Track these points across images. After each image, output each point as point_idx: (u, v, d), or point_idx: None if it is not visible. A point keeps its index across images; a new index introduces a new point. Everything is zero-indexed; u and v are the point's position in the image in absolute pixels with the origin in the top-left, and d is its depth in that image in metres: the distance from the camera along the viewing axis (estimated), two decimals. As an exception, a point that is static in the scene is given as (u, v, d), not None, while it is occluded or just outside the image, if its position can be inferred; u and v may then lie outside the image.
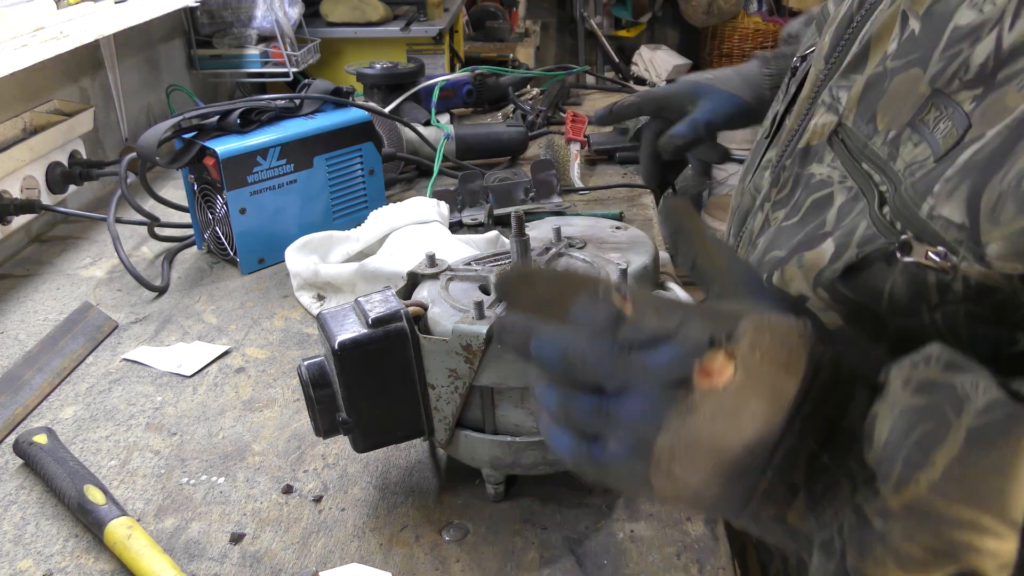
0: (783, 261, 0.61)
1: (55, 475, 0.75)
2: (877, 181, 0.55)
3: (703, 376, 0.42)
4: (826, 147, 0.62)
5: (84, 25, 1.27)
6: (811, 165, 0.63)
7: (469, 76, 1.77)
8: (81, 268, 1.22)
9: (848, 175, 0.58)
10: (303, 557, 0.68)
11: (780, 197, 0.67)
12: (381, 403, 0.69)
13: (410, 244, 1.05)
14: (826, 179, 0.61)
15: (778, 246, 0.63)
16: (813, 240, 0.59)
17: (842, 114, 0.61)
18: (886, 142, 0.55)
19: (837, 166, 0.60)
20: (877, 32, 0.60)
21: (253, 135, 1.13)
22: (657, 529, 0.69)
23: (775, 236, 0.64)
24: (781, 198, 0.66)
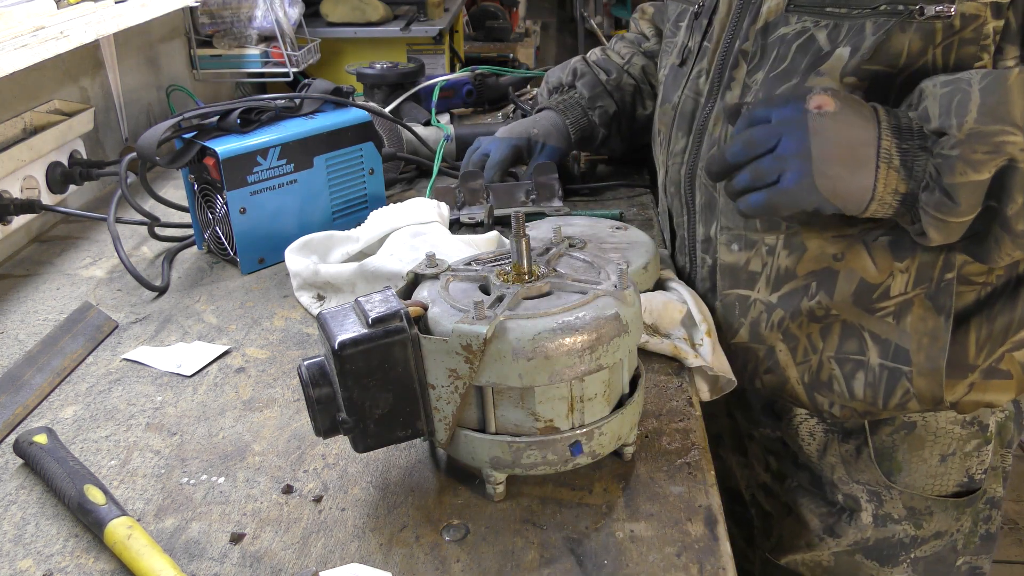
0: (800, 82, 0.83)
1: (55, 475, 0.75)
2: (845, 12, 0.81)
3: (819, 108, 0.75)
4: (787, 16, 0.85)
5: (84, 25, 1.27)
6: (776, 32, 0.86)
7: (469, 76, 1.77)
8: (81, 268, 1.22)
9: (820, 19, 0.82)
10: (303, 557, 0.68)
11: (752, 66, 0.89)
12: (381, 403, 0.69)
13: (410, 244, 1.05)
14: (801, 30, 0.84)
15: (781, 83, 0.85)
16: (818, 59, 0.82)
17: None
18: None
19: (806, 20, 0.84)
20: None
21: (253, 135, 1.13)
22: (657, 529, 0.69)
23: (769, 85, 0.87)
24: (753, 66, 0.89)
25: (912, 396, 0.91)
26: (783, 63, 0.85)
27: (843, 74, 0.81)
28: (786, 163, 0.76)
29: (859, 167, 0.75)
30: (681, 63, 1.01)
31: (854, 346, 0.91)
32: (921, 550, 1.01)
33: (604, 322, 0.68)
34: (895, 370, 0.90)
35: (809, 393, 0.96)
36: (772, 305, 0.93)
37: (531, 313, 0.68)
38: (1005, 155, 0.70)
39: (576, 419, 0.71)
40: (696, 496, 0.73)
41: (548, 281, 0.72)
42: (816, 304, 0.90)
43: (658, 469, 0.76)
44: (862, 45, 0.79)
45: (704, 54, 0.96)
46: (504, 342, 0.66)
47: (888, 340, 0.90)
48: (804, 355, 0.94)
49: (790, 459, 1.06)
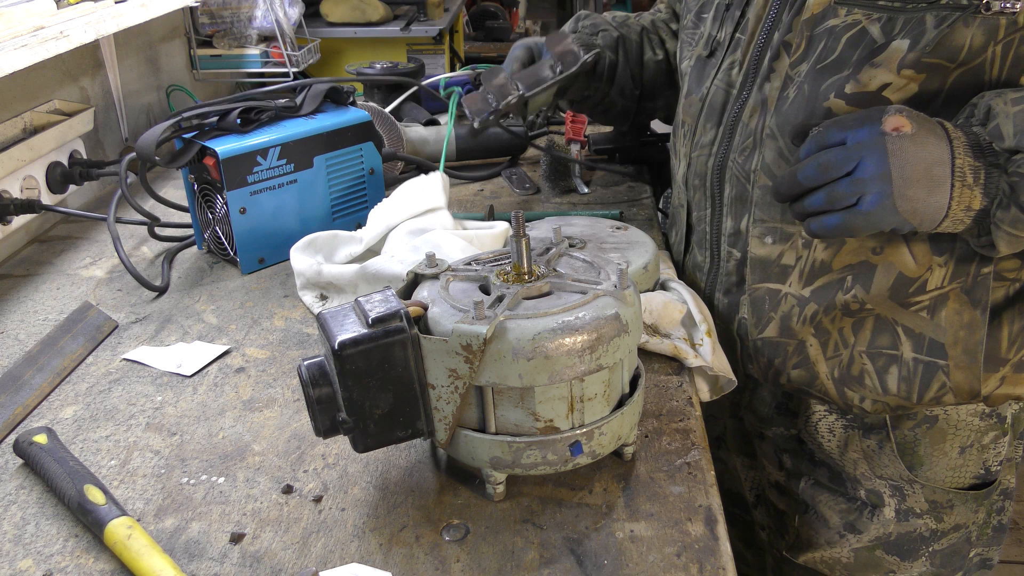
0: (852, 75, 0.83)
1: (55, 475, 0.75)
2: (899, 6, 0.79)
3: (896, 130, 0.75)
4: (835, 8, 0.84)
5: (84, 25, 1.27)
6: (824, 23, 0.85)
7: (469, 76, 1.77)
8: (81, 268, 1.22)
9: (872, 12, 0.81)
10: (303, 557, 0.68)
11: (795, 58, 0.88)
12: (381, 403, 0.69)
13: (411, 245, 1.05)
14: (851, 23, 0.83)
15: (831, 75, 0.85)
16: (873, 51, 0.82)
17: None
18: None
19: (857, 12, 0.82)
20: None
21: (253, 135, 1.13)
22: (657, 529, 0.69)
23: (816, 76, 0.86)
24: (797, 58, 0.87)
25: (949, 390, 0.91)
26: (832, 55, 0.84)
27: (901, 66, 0.80)
28: (866, 186, 0.76)
29: (936, 187, 0.75)
30: (709, 54, 1.00)
31: (887, 340, 0.91)
32: (940, 543, 1.02)
33: (604, 322, 0.68)
34: (931, 364, 0.90)
35: (839, 388, 0.95)
36: (805, 299, 0.93)
37: (531, 313, 0.68)
38: None
39: (576, 419, 0.71)
40: (696, 496, 0.73)
41: (548, 281, 0.72)
42: (851, 298, 0.90)
43: (658, 469, 0.76)
44: (923, 38, 0.79)
45: (737, 45, 0.95)
46: (504, 342, 0.66)
47: (922, 334, 0.89)
48: (835, 350, 0.94)
49: (806, 457, 1.05)
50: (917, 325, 0.89)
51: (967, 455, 0.98)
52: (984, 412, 0.96)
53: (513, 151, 1.53)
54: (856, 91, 0.82)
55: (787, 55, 0.89)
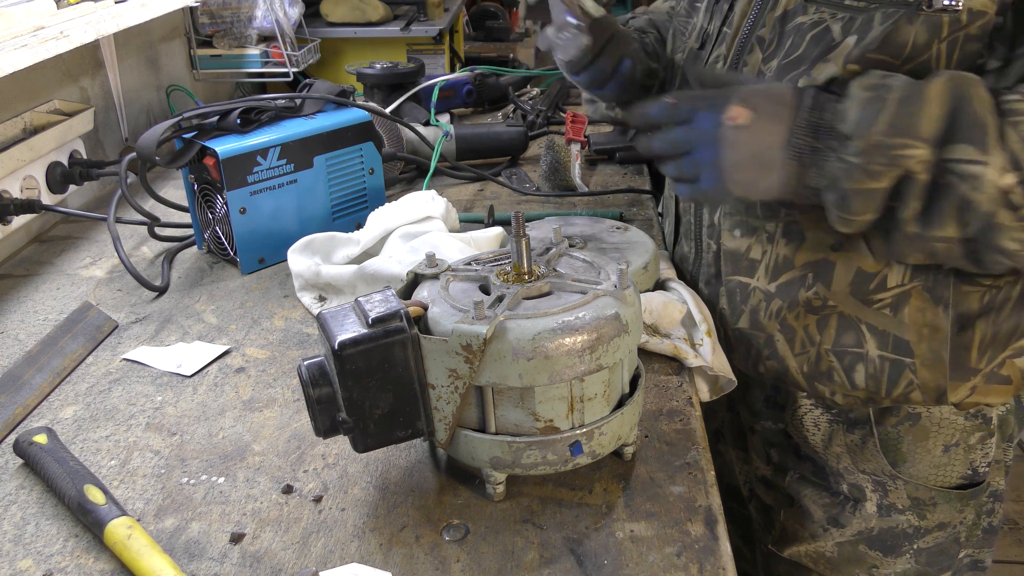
0: (807, 70, 0.85)
1: (55, 475, 0.75)
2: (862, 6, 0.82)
3: (731, 120, 0.78)
4: (806, 5, 0.86)
5: (84, 25, 1.27)
6: (794, 20, 0.87)
7: (469, 76, 1.77)
8: (81, 268, 1.22)
9: (836, 11, 0.84)
10: (303, 557, 0.68)
11: (768, 53, 0.90)
12: (381, 403, 0.69)
13: (409, 245, 1.05)
14: (817, 20, 0.85)
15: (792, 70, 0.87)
16: (829, 48, 0.84)
17: None
18: None
19: (824, 10, 0.85)
20: None
21: (253, 135, 1.13)
22: (657, 529, 0.69)
23: (782, 71, 0.88)
24: (769, 53, 0.90)
25: (916, 387, 0.92)
26: (796, 51, 0.86)
27: (846, 61, 0.82)
28: (703, 168, 0.82)
29: (768, 170, 0.79)
30: (700, 46, 1.02)
31: (851, 339, 0.92)
32: (924, 541, 1.02)
33: (604, 322, 0.68)
34: (897, 362, 0.91)
35: (809, 382, 0.97)
36: (771, 294, 0.94)
37: (531, 313, 0.68)
38: (902, 168, 0.73)
39: (576, 419, 0.71)
40: (696, 496, 0.73)
41: (548, 281, 0.72)
42: (813, 295, 0.91)
43: (658, 469, 0.76)
44: (869, 34, 0.81)
45: (723, 39, 0.97)
46: (504, 342, 0.66)
47: (886, 332, 0.90)
48: (802, 347, 0.95)
49: (792, 451, 1.06)
50: (880, 323, 0.90)
51: (952, 454, 0.98)
52: (968, 412, 0.96)
53: (513, 151, 1.53)
54: (807, 84, 0.84)
55: (760, 50, 0.91)
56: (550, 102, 1.79)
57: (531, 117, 1.71)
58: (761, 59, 0.90)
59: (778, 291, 0.94)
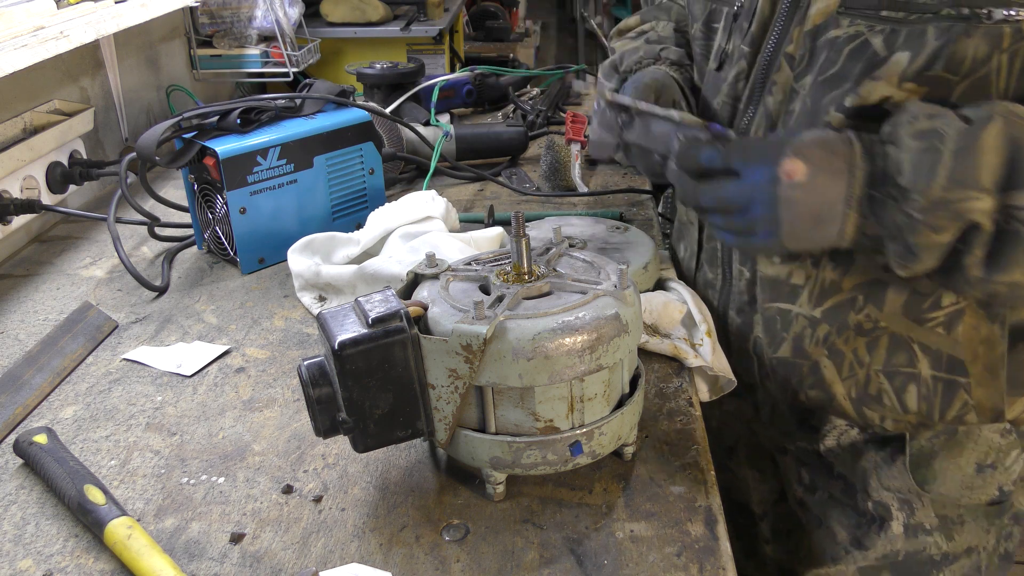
0: (851, 89, 0.81)
1: (55, 475, 0.75)
2: (903, 17, 0.76)
3: (789, 176, 0.75)
4: (838, 18, 0.81)
5: (84, 25, 1.27)
6: (826, 34, 0.82)
7: (469, 76, 1.77)
8: (81, 268, 1.22)
9: (874, 24, 0.78)
10: (303, 557, 0.68)
11: (799, 71, 0.85)
12: (381, 403, 0.69)
13: (409, 245, 1.05)
14: (854, 34, 0.80)
15: (832, 88, 0.82)
16: (874, 64, 0.79)
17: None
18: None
19: (859, 23, 0.79)
20: None
21: (253, 135, 1.13)
22: (657, 529, 0.69)
23: (819, 89, 0.84)
24: (800, 71, 0.85)
25: (971, 408, 0.89)
26: (833, 67, 0.82)
27: (902, 79, 0.78)
28: (757, 224, 0.78)
29: (827, 224, 0.76)
30: (719, 67, 0.97)
31: (903, 359, 0.88)
32: (951, 569, 0.98)
33: (604, 322, 0.68)
34: (951, 382, 0.88)
35: (858, 408, 0.93)
36: (816, 320, 0.90)
37: (531, 313, 0.68)
38: (966, 220, 0.71)
39: (576, 419, 0.71)
40: (696, 496, 0.73)
41: (548, 281, 0.72)
42: (864, 317, 0.88)
43: (658, 469, 0.76)
44: (924, 50, 0.76)
45: (741, 56, 0.92)
46: (504, 342, 0.66)
47: (939, 351, 0.87)
48: (850, 370, 0.91)
49: (824, 470, 1.02)
50: (934, 342, 0.87)
51: (987, 475, 0.94)
52: (1006, 429, 0.93)
53: (513, 151, 1.53)
54: (856, 104, 0.81)
55: (789, 67, 0.86)
56: (550, 102, 1.79)
57: (531, 117, 1.71)
58: (792, 76, 0.86)
59: (824, 316, 0.90)
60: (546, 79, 1.92)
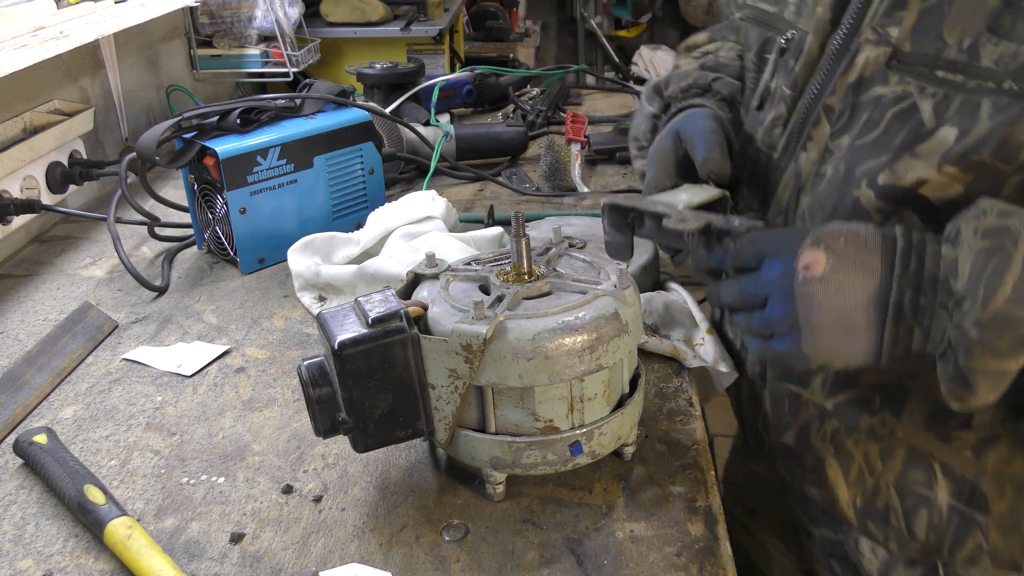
0: (888, 163, 0.69)
1: (55, 475, 0.75)
2: (960, 81, 0.64)
3: (807, 270, 0.63)
4: (887, 72, 0.70)
5: (84, 25, 1.27)
6: (871, 90, 0.71)
7: (469, 76, 1.77)
8: (81, 268, 1.22)
9: (926, 85, 0.67)
10: (303, 557, 0.68)
11: (837, 128, 0.74)
12: (381, 403, 0.69)
13: (409, 245, 1.05)
14: (902, 94, 0.68)
15: (868, 158, 0.71)
16: (918, 137, 0.67)
17: (896, 43, 0.69)
18: (962, 50, 0.64)
19: (909, 82, 0.68)
20: None
21: (253, 135, 1.13)
22: (657, 529, 0.69)
23: (854, 155, 0.72)
24: (839, 128, 0.74)
25: (986, 553, 0.75)
26: (874, 131, 0.70)
27: (943, 160, 0.65)
28: (775, 327, 0.67)
29: (854, 334, 0.64)
30: (759, 105, 0.86)
31: (920, 476, 0.75)
32: None
33: (604, 322, 0.68)
34: (968, 517, 0.74)
35: (861, 520, 0.81)
36: (826, 413, 0.79)
37: (531, 313, 0.68)
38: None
39: (576, 419, 0.71)
40: (696, 496, 0.73)
41: (548, 281, 0.72)
42: (879, 422, 0.76)
43: (658, 469, 0.76)
44: (972, 129, 0.64)
45: (782, 98, 0.81)
46: (504, 342, 0.66)
47: (963, 477, 0.73)
48: (858, 475, 0.79)
49: (852, 570, 0.90)
50: (959, 465, 0.73)
51: None
52: None
53: (513, 151, 1.53)
54: (889, 183, 0.69)
55: (828, 122, 0.75)
56: (550, 102, 1.79)
57: (531, 117, 1.71)
58: (828, 133, 0.75)
59: (836, 410, 0.78)
60: (546, 79, 1.92)
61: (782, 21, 0.84)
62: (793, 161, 0.79)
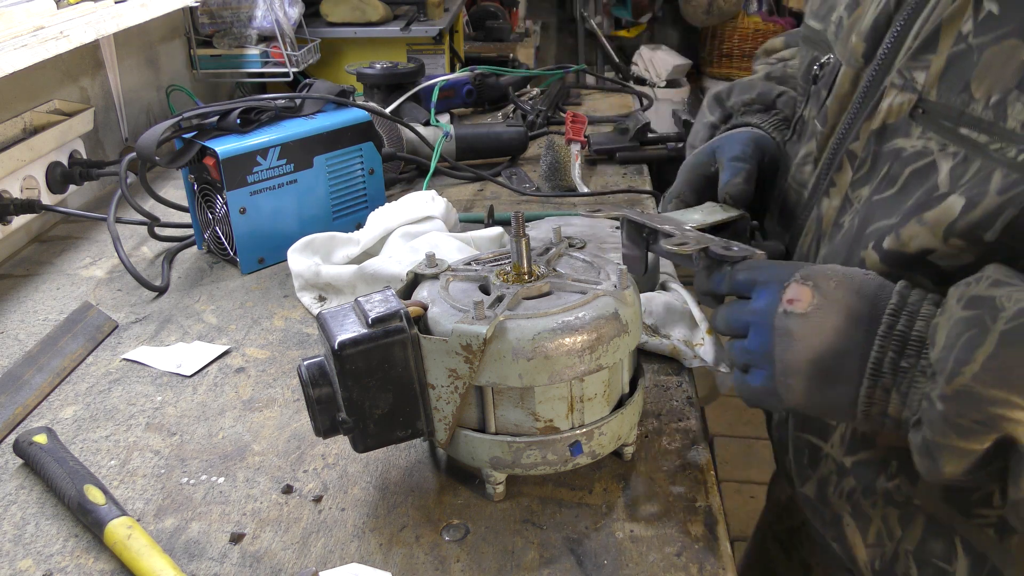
0: (897, 226, 0.64)
1: (55, 475, 0.75)
2: (984, 142, 0.59)
3: (790, 304, 0.61)
4: (910, 122, 0.65)
5: (84, 25, 1.27)
6: (893, 141, 0.66)
7: (469, 76, 1.77)
8: (81, 268, 1.22)
9: (948, 143, 0.62)
10: (303, 557, 0.68)
11: (859, 177, 0.70)
12: (381, 403, 0.69)
13: (409, 245, 1.05)
14: (922, 150, 0.64)
15: (880, 217, 0.66)
16: (929, 202, 0.62)
17: (922, 91, 0.64)
18: (989, 107, 0.58)
19: (931, 137, 0.63)
20: (949, 16, 0.63)
21: (253, 135, 1.13)
22: (657, 529, 0.69)
23: (869, 210, 0.68)
24: (860, 177, 0.70)
25: None
26: (891, 188, 0.66)
27: (949, 233, 0.60)
28: (752, 359, 0.65)
29: (829, 383, 0.60)
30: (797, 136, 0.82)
31: (940, 549, 0.69)
32: None
33: (604, 322, 0.68)
34: None
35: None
36: (845, 469, 0.74)
37: (531, 313, 0.68)
38: (1002, 432, 0.52)
39: (576, 419, 0.71)
40: (696, 496, 0.73)
41: (548, 281, 0.72)
42: (895, 487, 0.70)
43: (658, 469, 0.76)
44: (980, 202, 0.58)
45: (813, 135, 0.76)
46: (504, 342, 0.66)
47: (985, 555, 0.67)
48: (877, 538, 0.73)
49: None
50: (980, 542, 0.67)
51: None
52: None
53: (513, 151, 1.53)
54: (893, 248, 0.64)
55: (851, 168, 0.71)
56: (550, 102, 1.79)
57: (531, 117, 1.71)
58: (850, 182, 0.71)
59: (854, 468, 0.73)
60: (546, 79, 1.92)
61: (825, 41, 0.79)
62: (817, 206, 0.75)
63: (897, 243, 0.64)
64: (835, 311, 0.60)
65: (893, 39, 0.68)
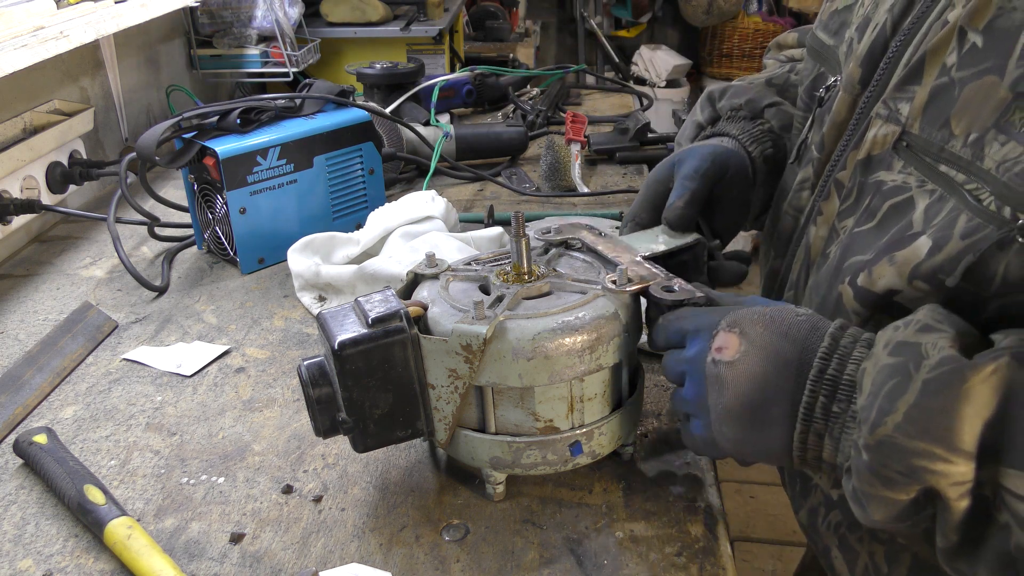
0: (871, 263, 0.63)
1: (55, 475, 0.75)
2: (961, 181, 0.57)
3: (718, 352, 0.60)
4: (893, 155, 0.64)
5: (84, 25, 1.27)
6: (877, 173, 0.65)
7: (469, 76, 1.77)
8: (81, 268, 1.22)
9: (927, 179, 0.60)
10: (303, 557, 0.68)
11: (845, 207, 0.69)
12: (381, 403, 0.69)
13: (409, 245, 1.05)
14: (901, 185, 0.62)
15: (858, 251, 0.65)
16: (902, 240, 0.60)
17: (905, 123, 0.63)
18: (967, 144, 0.57)
19: (912, 172, 0.62)
20: (933, 47, 0.61)
21: (253, 135, 1.13)
22: (657, 529, 0.69)
23: (850, 243, 0.66)
24: (846, 208, 0.69)
25: None
26: (870, 221, 0.65)
27: (912, 276, 0.59)
28: (690, 408, 0.65)
29: (763, 428, 0.60)
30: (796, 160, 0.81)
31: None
32: None
33: (604, 322, 0.68)
34: None
35: None
36: (832, 502, 0.73)
37: (531, 313, 0.68)
38: (925, 483, 0.51)
39: (576, 419, 0.71)
40: (696, 496, 0.73)
41: (548, 281, 0.72)
42: None
43: (658, 469, 0.76)
44: (945, 246, 0.57)
45: (810, 161, 0.75)
46: (504, 342, 0.66)
47: None
48: (865, 573, 0.72)
49: None
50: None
51: None
52: None
53: (513, 151, 1.53)
54: (864, 286, 0.63)
55: (837, 198, 0.70)
56: (550, 102, 1.79)
57: (531, 117, 1.71)
58: (836, 212, 0.70)
59: (840, 502, 0.72)
60: (546, 79, 1.92)
61: (835, 58, 0.77)
62: (807, 233, 0.74)
63: (868, 281, 0.62)
64: (762, 357, 0.59)
65: (886, 66, 0.67)
